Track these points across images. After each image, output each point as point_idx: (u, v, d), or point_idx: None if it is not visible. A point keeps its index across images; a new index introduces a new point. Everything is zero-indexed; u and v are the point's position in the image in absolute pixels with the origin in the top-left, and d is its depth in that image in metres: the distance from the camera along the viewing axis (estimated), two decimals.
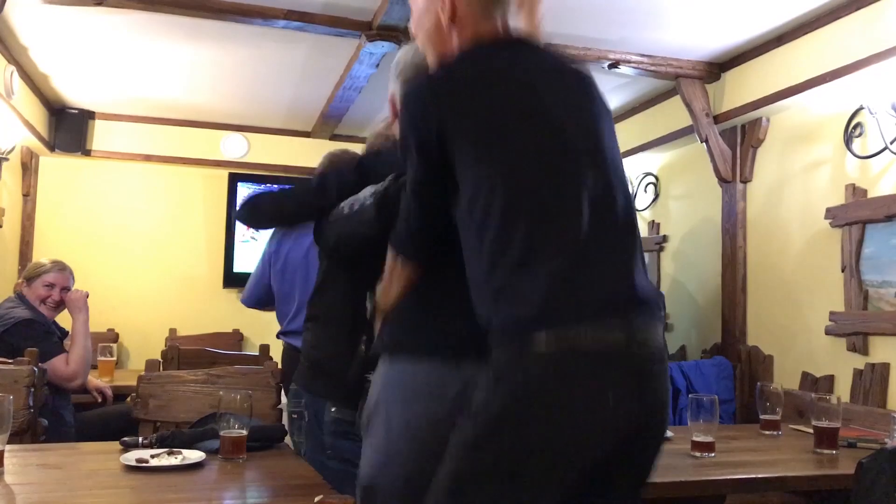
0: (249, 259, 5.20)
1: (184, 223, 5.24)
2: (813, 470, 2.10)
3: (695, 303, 4.20)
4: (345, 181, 1.65)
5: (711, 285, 4.00)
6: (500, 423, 1.21)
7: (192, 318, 5.10)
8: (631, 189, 4.70)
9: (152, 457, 1.74)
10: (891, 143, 2.96)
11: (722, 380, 3.48)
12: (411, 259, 1.43)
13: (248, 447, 1.82)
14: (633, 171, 4.71)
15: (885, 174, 3.02)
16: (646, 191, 4.67)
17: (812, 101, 3.35)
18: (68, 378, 3.04)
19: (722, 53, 3.66)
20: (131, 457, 1.72)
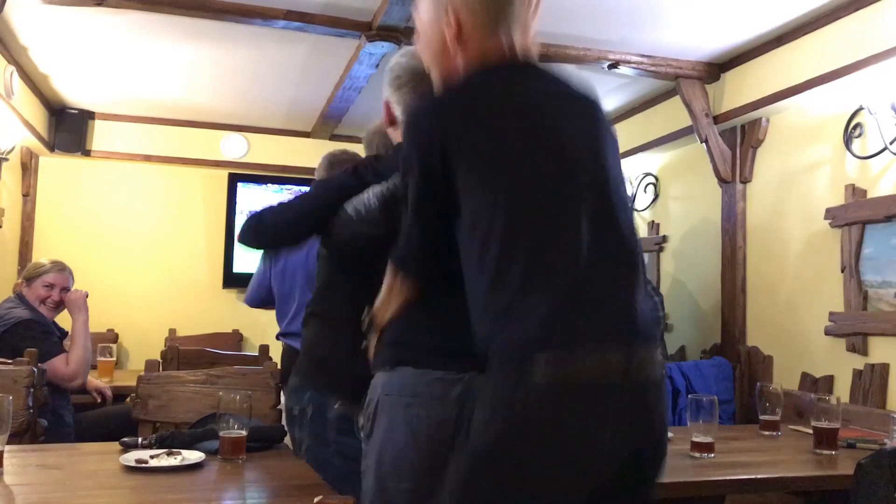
0: (249, 259, 5.19)
1: (183, 223, 5.24)
2: (812, 470, 2.11)
3: (694, 303, 4.20)
4: (346, 186, 1.65)
5: (711, 286, 4.00)
6: (496, 455, 1.21)
7: (192, 318, 5.10)
8: (630, 189, 4.70)
9: (152, 457, 1.74)
10: (890, 143, 2.96)
11: (721, 380, 3.48)
12: (412, 277, 1.43)
13: (247, 448, 1.82)
14: (632, 172, 4.71)
15: (885, 174, 3.03)
16: (645, 191, 4.67)
17: (812, 101, 3.35)
18: (68, 378, 3.04)
19: (722, 54, 3.66)
20: (131, 457, 1.72)
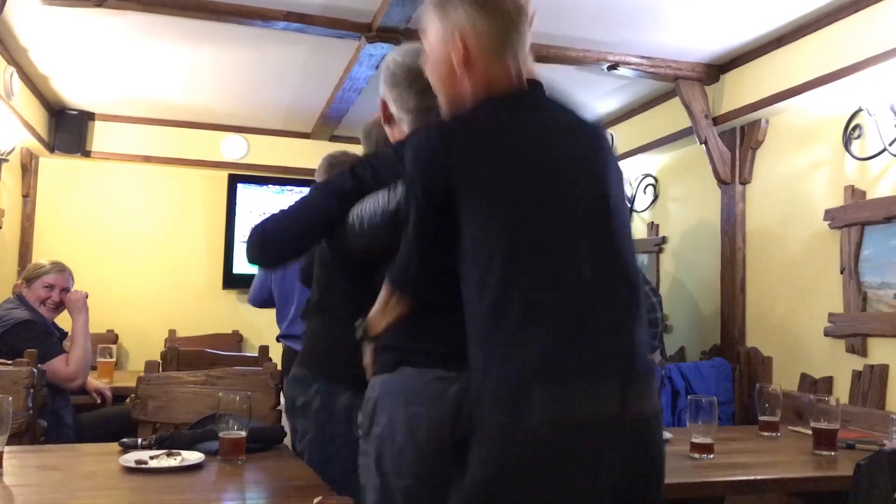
0: None
1: (183, 224, 5.24)
2: (812, 471, 2.11)
3: (694, 304, 4.20)
4: (344, 191, 1.64)
5: (710, 287, 4.00)
6: (494, 492, 1.22)
7: (192, 319, 5.10)
8: (630, 190, 4.71)
9: (151, 458, 1.74)
10: (889, 144, 2.96)
11: (721, 381, 3.48)
12: (408, 297, 1.44)
13: (247, 448, 1.82)
14: (632, 173, 4.71)
15: (884, 176, 3.03)
16: (645, 192, 4.67)
17: (811, 102, 3.35)
18: (68, 379, 3.04)
19: (721, 55, 3.66)
20: (130, 458, 1.72)
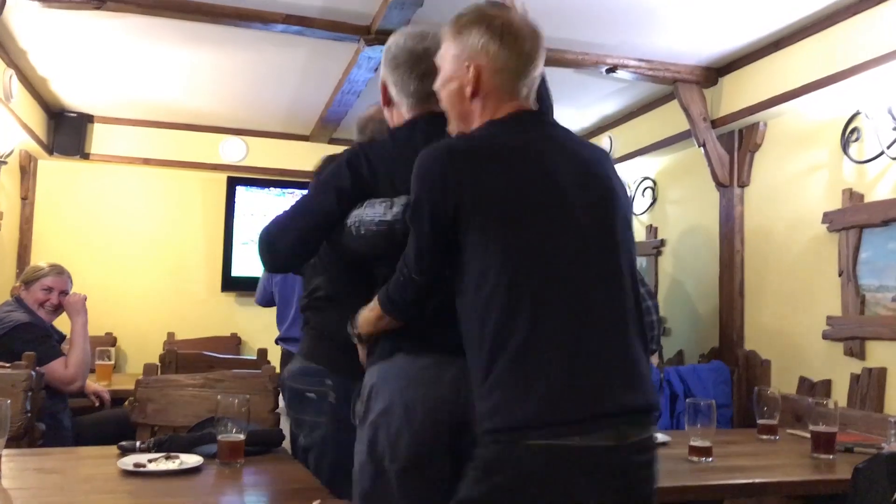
0: (248, 263, 5.20)
1: (182, 227, 5.24)
2: (810, 475, 2.11)
3: (692, 307, 4.20)
4: (342, 188, 1.63)
5: (709, 290, 4.00)
6: None
7: (191, 321, 5.10)
8: (629, 193, 4.71)
9: (150, 461, 1.73)
10: (887, 147, 2.97)
11: (719, 384, 3.48)
12: (400, 320, 1.44)
13: (245, 451, 1.82)
14: (630, 176, 4.72)
15: (882, 179, 3.03)
16: (643, 195, 4.67)
17: (809, 105, 3.36)
18: (67, 381, 3.04)
19: (719, 58, 3.67)
20: (129, 461, 1.72)
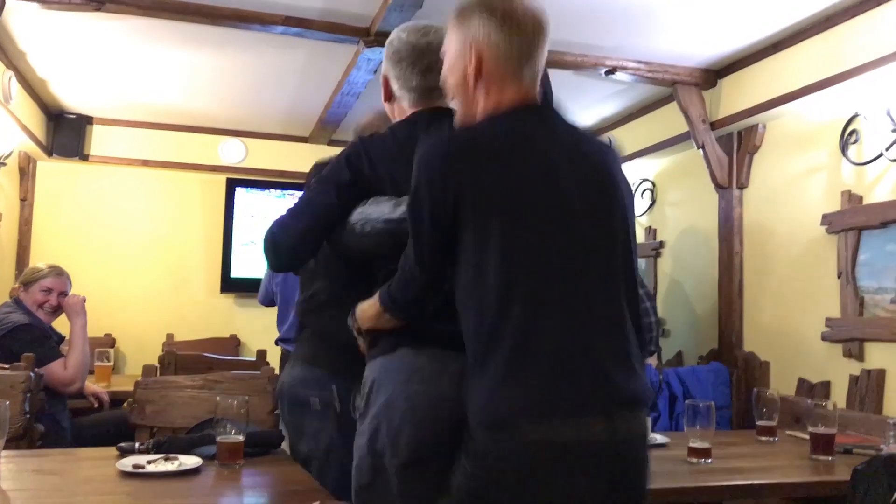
0: (247, 264, 5.20)
1: (181, 228, 5.24)
2: (809, 476, 2.11)
3: (691, 309, 4.20)
4: (342, 184, 1.62)
5: (708, 291, 4.01)
6: (478, 499, 1.25)
7: (190, 323, 5.10)
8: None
9: (149, 462, 1.73)
10: (886, 149, 2.97)
11: (718, 386, 3.49)
12: (401, 318, 1.45)
13: (244, 453, 1.82)
14: (630, 177, 4.70)
15: (881, 181, 3.04)
16: (643, 196, 4.67)
17: (808, 107, 3.36)
18: (66, 382, 3.03)
19: (718, 60, 3.67)
20: (128, 462, 1.72)
